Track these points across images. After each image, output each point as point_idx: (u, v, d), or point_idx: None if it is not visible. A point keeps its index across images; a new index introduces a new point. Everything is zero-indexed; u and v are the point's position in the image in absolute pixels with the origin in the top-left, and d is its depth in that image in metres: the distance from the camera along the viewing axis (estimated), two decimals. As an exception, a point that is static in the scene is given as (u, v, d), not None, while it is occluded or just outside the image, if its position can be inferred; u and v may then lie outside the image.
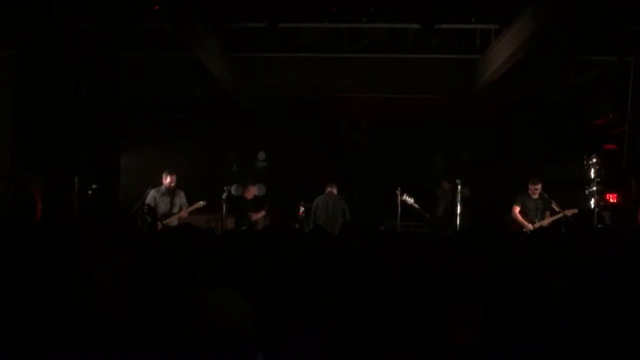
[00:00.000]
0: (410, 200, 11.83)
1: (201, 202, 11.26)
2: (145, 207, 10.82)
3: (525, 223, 11.03)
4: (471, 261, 3.89)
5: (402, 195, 11.79)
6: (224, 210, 11.50)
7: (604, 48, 10.98)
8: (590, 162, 12.25)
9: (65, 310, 2.58)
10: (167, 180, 10.97)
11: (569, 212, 11.15)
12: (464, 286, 3.33)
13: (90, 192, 11.02)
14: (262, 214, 12.03)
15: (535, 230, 10.26)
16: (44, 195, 10.22)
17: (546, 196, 11.27)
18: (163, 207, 10.93)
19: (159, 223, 10.67)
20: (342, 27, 11.27)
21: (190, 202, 11.20)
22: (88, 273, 3.12)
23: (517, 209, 11.27)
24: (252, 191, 12.30)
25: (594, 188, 12.01)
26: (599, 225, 11.11)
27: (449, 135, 13.19)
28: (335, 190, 11.89)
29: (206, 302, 2.20)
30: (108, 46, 10.56)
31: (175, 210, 10.96)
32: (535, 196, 11.30)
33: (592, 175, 12.17)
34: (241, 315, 2.21)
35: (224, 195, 11.55)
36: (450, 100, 13.07)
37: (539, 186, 11.24)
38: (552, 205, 11.25)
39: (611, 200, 12.34)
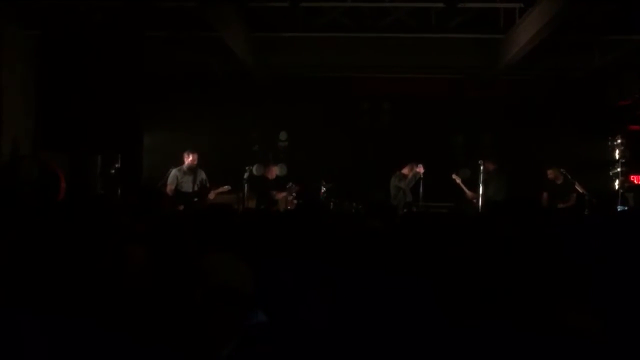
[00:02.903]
0: (458, 180, 11.92)
1: (226, 187, 11.37)
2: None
3: None
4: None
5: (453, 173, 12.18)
6: (246, 190, 11.54)
7: (630, 27, 10.82)
8: (615, 143, 12.14)
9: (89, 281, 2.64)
10: (189, 159, 11.06)
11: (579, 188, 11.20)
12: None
13: (113, 171, 11.11)
14: (283, 193, 12.04)
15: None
16: (67, 174, 10.35)
17: (569, 177, 11.21)
18: (185, 187, 11.02)
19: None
20: (364, 6, 11.19)
21: (213, 182, 11.27)
22: (111, 247, 3.18)
23: (544, 195, 11.32)
24: (274, 171, 12.32)
25: (618, 169, 11.93)
26: (619, 207, 11.03)
27: (471, 116, 13.11)
28: (405, 170, 12.19)
29: (209, 266, 2.41)
30: (131, 25, 10.58)
31: (197, 189, 11.04)
32: (559, 181, 11.34)
33: (617, 156, 12.07)
34: (241, 277, 2.42)
35: (246, 175, 11.58)
36: (473, 81, 12.98)
37: (549, 173, 11.34)
38: (576, 186, 11.20)
39: (635, 181, 12.24)
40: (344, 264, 3.28)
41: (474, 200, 11.68)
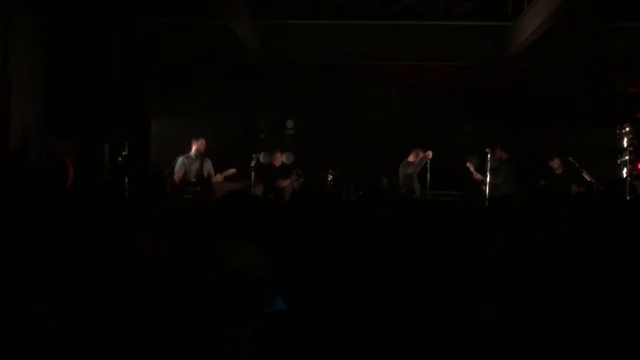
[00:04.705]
0: (472, 168, 11.95)
1: (232, 170, 11.36)
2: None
3: None
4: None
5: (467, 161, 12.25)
6: (252, 178, 11.55)
7: (639, 14, 10.76)
8: (623, 130, 12.08)
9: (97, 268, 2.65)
10: (197, 144, 11.06)
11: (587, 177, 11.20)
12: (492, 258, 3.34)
13: (120, 159, 11.12)
14: (287, 181, 12.02)
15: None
16: (75, 162, 10.36)
17: (577, 165, 11.19)
18: (192, 175, 11.03)
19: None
20: (372, -7, 11.17)
21: (219, 169, 11.29)
22: (119, 234, 3.19)
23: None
24: (281, 159, 12.33)
25: (626, 157, 11.86)
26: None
27: (479, 103, 13.07)
28: (410, 157, 12.25)
29: (226, 252, 2.43)
30: (139, 12, 10.57)
31: (205, 175, 11.07)
32: (559, 171, 11.35)
33: (625, 144, 12.00)
34: (258, 263, 2.42)
35: (253, 163, 11.60)
36: (481, 68, 12.94)
37: (553, 162, 11.34)
38: (584, 175, 11.17)
39: (643, 169, 12.19)
40: (359, 252, 3.28)
41: (483, 187, 11.68)
